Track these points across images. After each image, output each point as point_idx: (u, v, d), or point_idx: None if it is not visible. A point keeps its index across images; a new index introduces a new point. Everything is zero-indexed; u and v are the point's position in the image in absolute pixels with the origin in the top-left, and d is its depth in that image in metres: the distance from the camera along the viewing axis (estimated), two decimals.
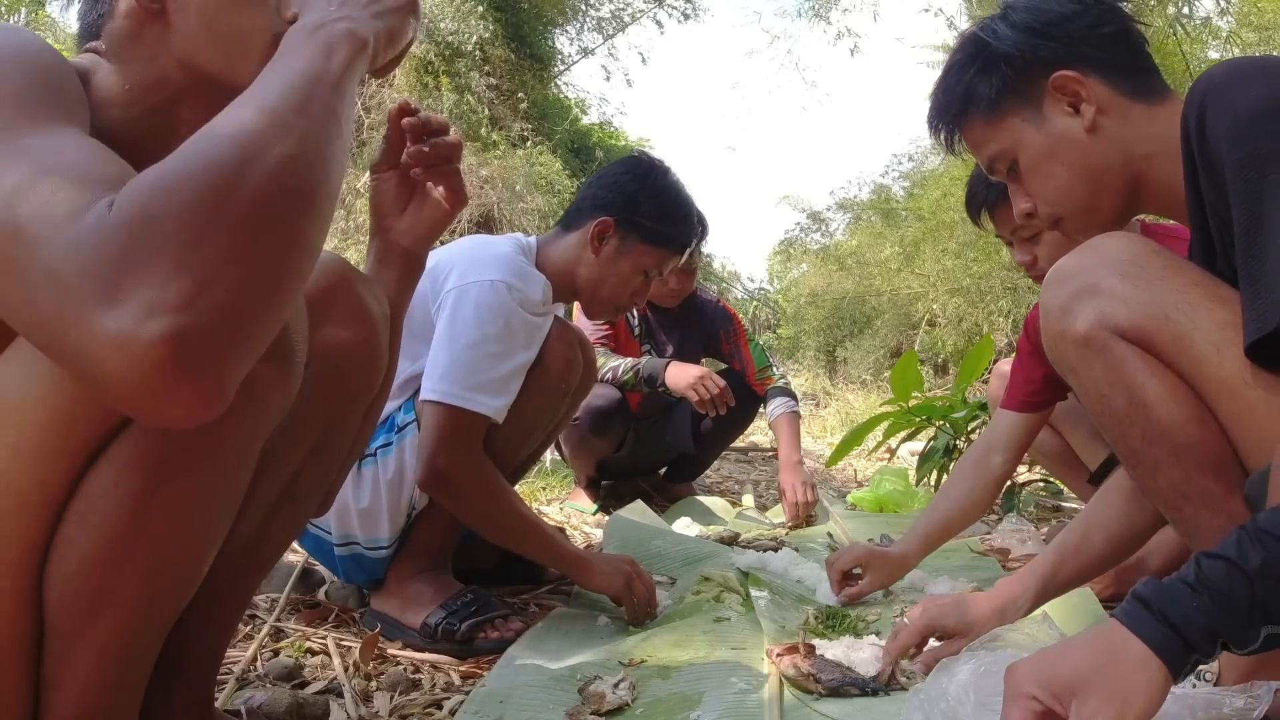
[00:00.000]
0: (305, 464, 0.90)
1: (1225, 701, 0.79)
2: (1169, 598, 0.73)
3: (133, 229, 0.56)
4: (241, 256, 0.60)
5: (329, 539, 1.56)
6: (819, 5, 10.26)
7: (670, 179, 1.80)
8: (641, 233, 1.73)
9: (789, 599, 1.67)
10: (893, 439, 3.29)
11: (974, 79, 1.20)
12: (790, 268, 17.45)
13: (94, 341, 0.55)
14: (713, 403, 2.58)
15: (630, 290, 1.77)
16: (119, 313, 0.55)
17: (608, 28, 12.56)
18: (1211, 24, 7.57)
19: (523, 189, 8.88)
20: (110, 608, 0.71)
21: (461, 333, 1.50)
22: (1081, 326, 1.06)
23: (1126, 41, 1.16)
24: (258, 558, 0.94)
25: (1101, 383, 1.07)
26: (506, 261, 1.57)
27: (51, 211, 0.57)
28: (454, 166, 1.02)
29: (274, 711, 1.13)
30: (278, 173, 0.63)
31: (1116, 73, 1.14)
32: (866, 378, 11.55)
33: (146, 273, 0.55)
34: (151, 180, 0.59)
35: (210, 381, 0.58)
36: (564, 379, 1.68)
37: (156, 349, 0.55)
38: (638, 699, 1.18)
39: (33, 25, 10.02)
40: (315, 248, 0.67)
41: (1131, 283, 1.03)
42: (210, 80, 0.85)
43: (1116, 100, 1.14)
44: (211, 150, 0.61)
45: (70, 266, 0.56)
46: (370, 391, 0.96)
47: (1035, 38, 1.16)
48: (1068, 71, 1.14)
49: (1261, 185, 0.90)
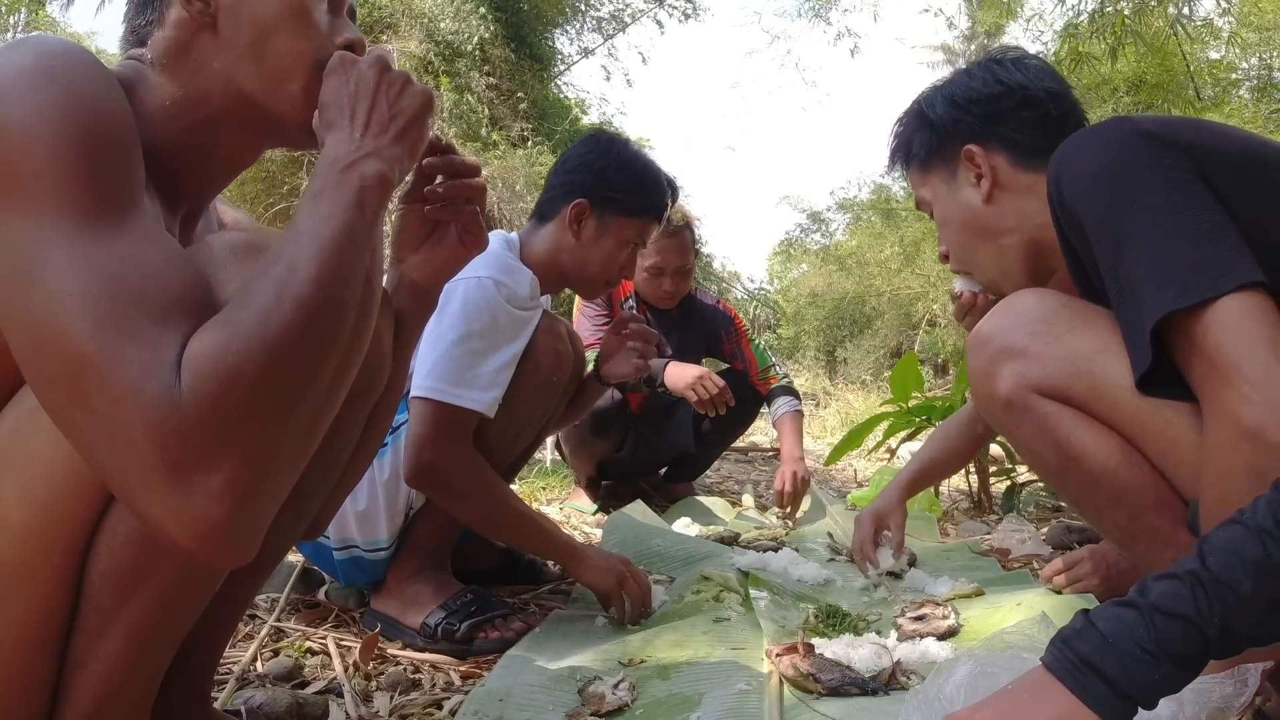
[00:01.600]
0: (308, 463, 0.90)
1: (1213, 689, 0.80)
2: (1128, 673, 0.68)
3: (205, 424, 0.62)
4: (299, 440, 0.71)
5: (328, 544, 1.56)
6: (819, 5, 10.25)
7: (633, 149, 1.81)
8: (617, 206, 1.74)
9: (789, 599, 1.67)
10: (893, 439, 3.29)
11: (911, 135, 1.40)
12: (790, 268, 17.46)
13: (157, 510, 0.63)
14: (712, 402, 2.58)
15: (618, 264, 1.78)
16: (186, 498, 0.62)
17: (608, 28, 12.56)
18: (1212, 25, 7.57)
19: (523, 189, 8.88)
20: (147, 586, 0.73)
21: (449, 329, 1.50)
22: (1003, 390, 1.12)
23: (1043, 124, 1.28)
24: (257, 559, 0.93)
25: (1032, 440, 1.13)
26: (493, 259, 1.57)
27: (122, 357, 0.62)
28: (473, 208, 1.01)
29: (274, 711, 1.13)
30: (330, 356, 0.71)
31: (1024, 151, 1.28)
32: (866, 378, 11.55)
33: (216, 465, 0.63)
34: (219, 365, 0.64)
35: (254, 541, 0.68)
36: (554, 371, 1.68)
37: (217, 530, 0.64)
38: (637, 699, 1.18)
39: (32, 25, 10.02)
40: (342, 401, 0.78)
41: (1043, 340, 1.10)
42: (249, 102, 0.86)
43: (1019, 176, 1.28)
44: (272, 334, 0.66)
45: (140, 440, 0.62)
46: (373, 391, 0.95)
47: (958, 110, 1.32)
48: (974, 147, 1.30)
49: (1118, 239, 0.98)
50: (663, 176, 1.83)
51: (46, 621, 0.72)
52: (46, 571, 0.71)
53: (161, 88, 0.85)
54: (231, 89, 0.86)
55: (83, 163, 0.67)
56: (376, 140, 0.80)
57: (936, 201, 1.37)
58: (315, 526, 1.04)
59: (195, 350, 0.64)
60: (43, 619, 0.72)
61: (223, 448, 0.63)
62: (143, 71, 0.86)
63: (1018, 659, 0.87)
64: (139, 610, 0.74)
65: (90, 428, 0.63)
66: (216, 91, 0.86)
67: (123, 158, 0.71)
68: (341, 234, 0.73)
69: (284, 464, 0.69)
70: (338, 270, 0.71)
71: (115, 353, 0.62)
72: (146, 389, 0.62)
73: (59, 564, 0.71)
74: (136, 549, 0.72)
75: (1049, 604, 1.47)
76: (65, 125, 0.67)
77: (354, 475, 1.05)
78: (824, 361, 13.97)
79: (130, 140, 0.73)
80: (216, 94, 0.86)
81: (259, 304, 0.67)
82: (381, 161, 0.79)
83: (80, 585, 0.73)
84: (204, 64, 0.86)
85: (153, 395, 0.62)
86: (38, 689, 0.74)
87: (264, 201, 8.26)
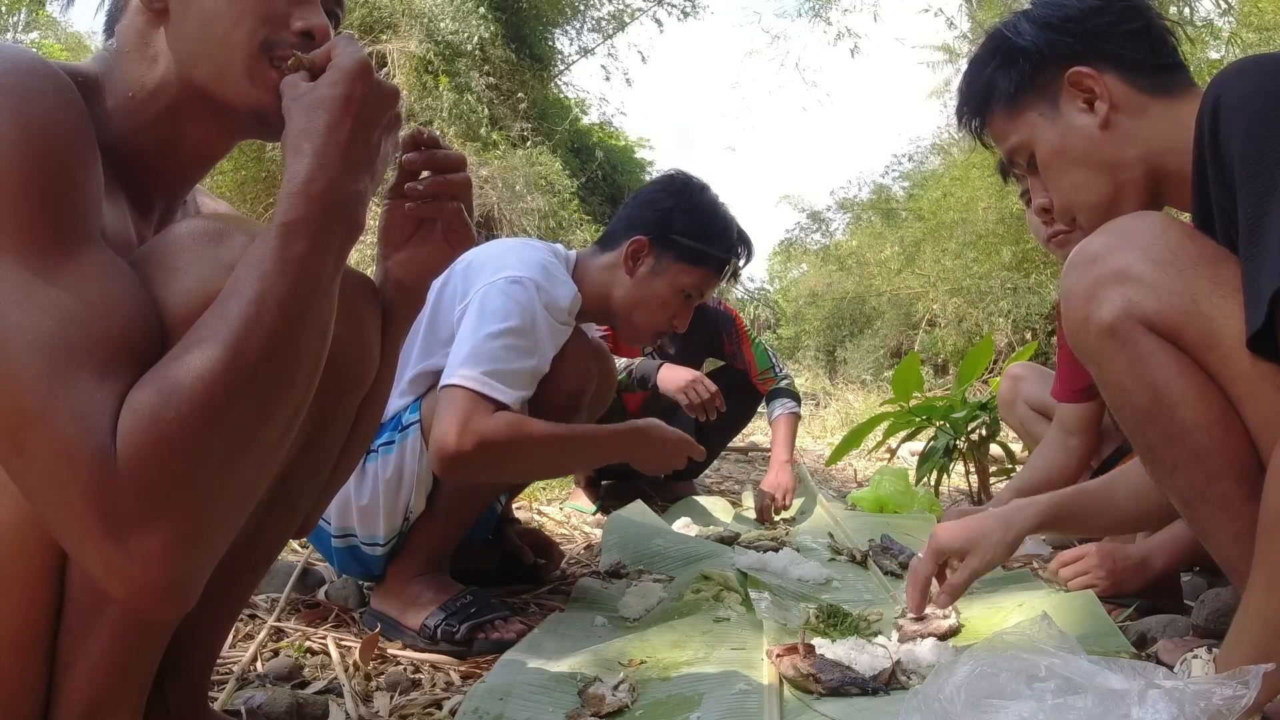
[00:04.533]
0: (296, 462, 0.89)
1: (1215, 691, 0.79)
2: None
3: (140, 489, 0.62)
4: (243, 494, 0.71)
5: (328, 529, 1.55)
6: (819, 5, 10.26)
7: (707, 195, 1.76)
8: (677, 251, 1.69)
9: (789, 599, 1.67)
10: (893, 439, 3.29)
11: (994, 73, 1.21)
12: (790, 268, 17.48)
13: (94, 566, 0.64)
14: (703, 407, 2.57)
15: (669, 314, 1.73)
16: (123, 557, 0.63)
17: (607, 27, 12.57)
18: (1213, 25, 7.57)
19: (523, 189, 8.89)
20: None
21: (485, 324, 1.47)
22: (1107, 315, 1.01)
23: (1147, 38, 1.16)
24: (251, 558, 0.93)
25: (1125, 376, 1.03)
26: (537, 264, 1.55)
27: (59, 413, 0.62)
28: (456, 205, 0.96)
29: (274, 711, 1.13)
30: (276, 418, 0.70)
31: (1135, 69, 1.14)
32: (866, 378, 11.55)
33: (153, 528, 0.63)
34: (153, 431, 0.63)
35: (194, 592, 0.68)
36: (574, 396, 1.62)
37: (154, 589, 0.64)
38: (637, 700, 1.18)
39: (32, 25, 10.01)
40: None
41: (1163, 270, 0.99)
42: (200, 91, 0.84)
43: (1133, 96, 1.13)
44: (213, 400, 0.65)
45: (76, 500, 0.62)
46: (361, 386, 0.93)
47: (1053, 33, 1.16)
48: (1082, 68, 1.14)
49: (1268, 189, 0.89)
50: (734, 229, 1.78)
51: (32, 623, 0.72)
52: (28, 573, 0.71)
53: (125, 79, 0.83)
54: (184, 78, 0.83)
55: (29, 196, 0.65)
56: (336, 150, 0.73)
57: (1038, 141, 1.19)
58: (305, 524, 1.04)
59: (131, 411, 0.63)
60: (28, 621, 0.72)
61: (158, 512, 0.63)
62: (110, 63, 0.84)
63: (1018, 659, 0.87)
64: (120, 608, 0.73)
65: (30, 476, 0.64)
66: (172, 81, 0.83)
67: (73, 182, 0.69)
68: (300, 283, 0.69)
69: (226, 518, 0.69)
70: (293, 325, 0.69)
71: (53, 408, 0.62)
72: (83, 450, 0.61)
73: (40, 565, 0.71)
74: None
75: (1049, 604, 1.47)
76: (11, 154, 0.65)
77: (344, 471, 1.04)
78: (824, 361, 13.98)
79: (83, 160, 0.70)
80: (172, 83, 0.83)
81: (201, 364, 0.65)
82: (350, 201, 0.74)
83: (63, 586, 0.73)
84: (160, 52, 0.83)
85: (88, 456, 0.61)
86: (30, 691, 0.74)
87: (264, 202, 8.26)
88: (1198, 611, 1.38)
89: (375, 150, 0.77)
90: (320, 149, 0.72)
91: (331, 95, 0.74)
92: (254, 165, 8.68)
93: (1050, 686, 0.86)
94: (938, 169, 12.73)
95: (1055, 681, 0.87)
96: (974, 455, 3.07)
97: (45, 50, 8.83)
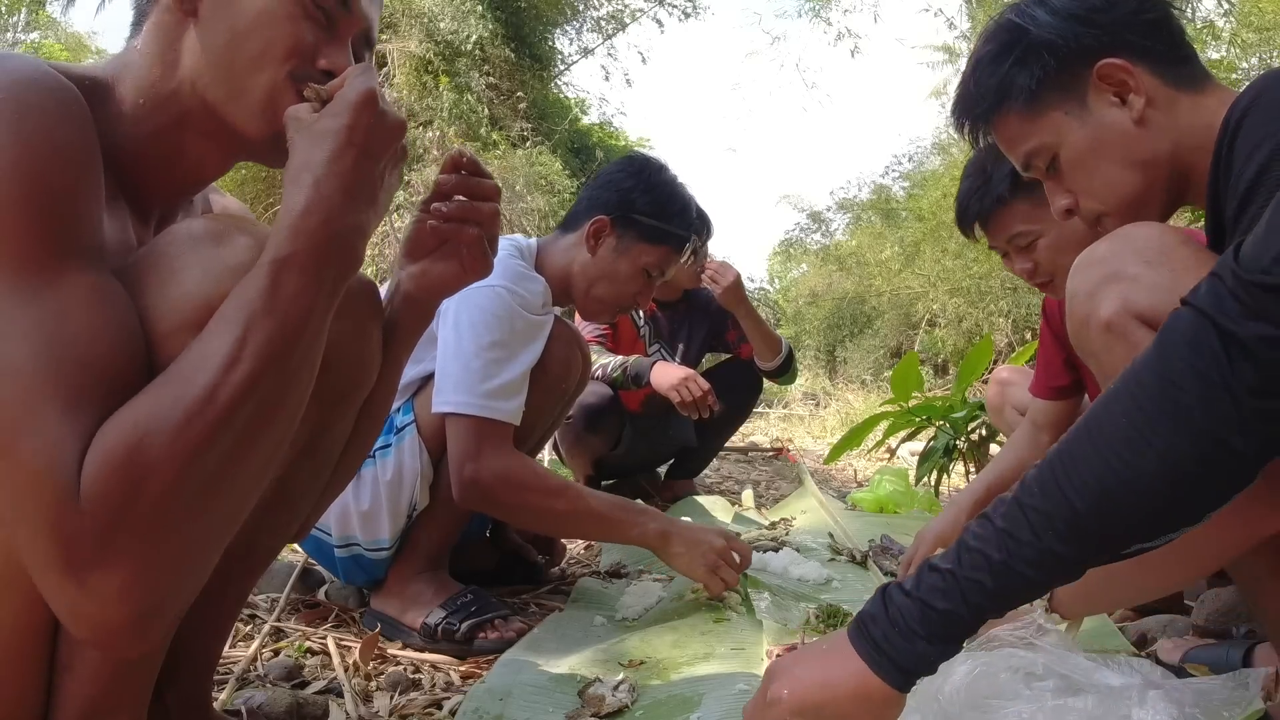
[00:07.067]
0: (296, 465, 0.88)
1: (1215, 691, 0.80)
2: (903, 652, 0.78)
3: (102, 530, 0.61)
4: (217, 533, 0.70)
5: (330, 540, 1.56)
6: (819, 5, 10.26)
7: (666, 175, 1.79)
8: (638, 230, 1.72)
9: (789, 599, 1.67)
10: (893, 439, 3.29)
11: (1011, 70, 1.13)
12: (790, 268, 17.49)
13: (54, 600, 0.64)
14: (695, 405, 2.57)
15: (631, 291, 1.76)
16: (83, 595, 0.62)
17: (607, 27, 12.57)
18: (1213, 25, 7.57)
19: (523, 189, 8.89)
20: None
21: (468, 340, 1.50)
22: (1106, 312, 1.02)
23: (1168, 28, 1.11)
24: (250, 560, 0.93)
25: (1121, 367, 0.99)
26: (505, 267, 1.56)
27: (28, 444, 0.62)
28: (478, 232, 0.94)
29: (274, 711, 1.13)
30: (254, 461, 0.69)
31: (1161, 61, 1.09)
32: (866, 378, 11.56)
33: (113, 569, 0.62)
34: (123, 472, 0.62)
35: (155, 632, 0.68)
36: (562, 380, 1.67)
37: (110, 630, 0.64)
38: (637, 701, 1.18)
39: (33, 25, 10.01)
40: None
41: (1156, 270, 1.00)
42: (210, 110, 0.82)
43: (1163, 90, 1.09)
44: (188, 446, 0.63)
45: (40, 535, 0.62)
46: (362, 389, 0.93)
47: (1078, 25, 1.09)
48: (1114, 60, 1.07)
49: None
50: (692, 207, 1.80)
51: (32, 625, 0.71)
52: (24, 576, 0.70)
53: (138, 82, 0.81)
54: (196, 93, 0.81)
55: (18, 217, 0.64)
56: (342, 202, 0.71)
57: (1065, 142, 1.12)
58: (303, 528, 1.04)
59: (100, 450, 0.61)
60: (25, 624, 0.71)
61: (120, 551, 0.62)
62: (126, 63, 0.82)
63: (1016, 658, 0.87)
64: None
65: (1, 500, 0.63)
66: (184, 92, 0.81)
67: (68, 203, 0.67)
68: (288, 325, 0.67)
69: (197, 555, 0.68)
70: (279, 367, 0.67)
71: (19, 440, 0.61)
72: (45, 485, 0.61)
73: None
74: None
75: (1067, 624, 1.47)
76: (6, 172, 0.64)
77: (345, 475, 1.03)
78: (824, 361, 13.98)
79: (81, 179, 0.69)
80: (183, 95, 0.81)
81: (175, 407, 0.63)
82: (351, 236, 0.72)
83: None
84: (180, 60, 0.81)
85: (51, 492, 0.60)
86: (30, 694, 0.73)
87: (264, 202, 8.26)
88: (1197, 611, 1.38)
89: (378, 182, 0.75)
90: (320, 180, 0.70)
91: (335, 126, 0.72)
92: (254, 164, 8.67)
93: (1049, 686, 0.86)
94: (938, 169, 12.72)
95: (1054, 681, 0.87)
96: (974, 455, 3.07)
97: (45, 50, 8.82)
